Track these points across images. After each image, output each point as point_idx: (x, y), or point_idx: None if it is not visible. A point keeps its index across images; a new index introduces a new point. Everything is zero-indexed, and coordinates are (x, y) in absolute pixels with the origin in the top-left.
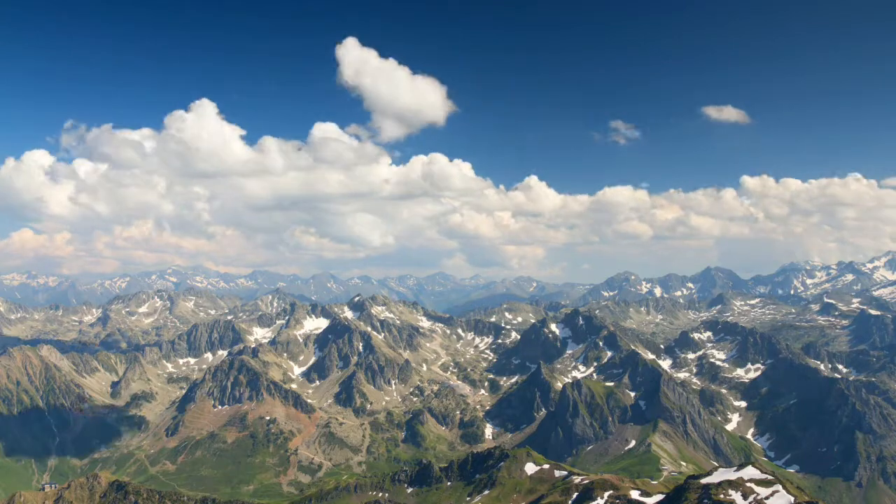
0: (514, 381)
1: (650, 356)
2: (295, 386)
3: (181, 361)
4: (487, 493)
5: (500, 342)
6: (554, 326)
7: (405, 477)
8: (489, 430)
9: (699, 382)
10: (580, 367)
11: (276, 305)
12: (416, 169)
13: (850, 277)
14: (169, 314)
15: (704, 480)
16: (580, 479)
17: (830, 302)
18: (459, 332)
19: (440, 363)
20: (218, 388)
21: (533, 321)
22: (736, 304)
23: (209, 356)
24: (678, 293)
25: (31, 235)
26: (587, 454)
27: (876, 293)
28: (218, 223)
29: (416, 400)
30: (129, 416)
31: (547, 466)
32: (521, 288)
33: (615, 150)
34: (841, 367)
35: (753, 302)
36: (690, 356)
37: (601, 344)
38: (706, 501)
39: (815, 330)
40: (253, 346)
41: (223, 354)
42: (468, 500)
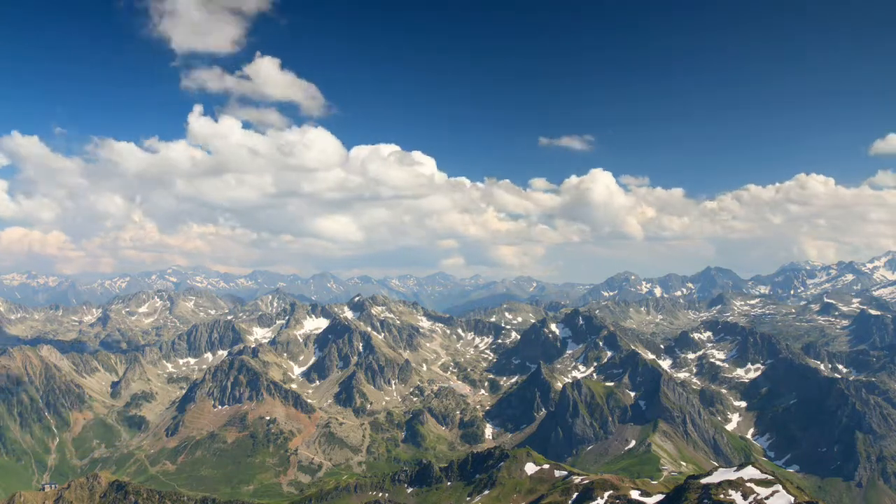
0: (514, 381)
1: (650, 356)
2: (295, 386)
3: (181, 361)
4: (487, 493)
5: (500, 342)
6: (554, 326)
7: (405, 477)
8: (489, 430)
9: (699, 382)
10: (580, 367)
11: (276, 305)
12: None
13: (850, 277)
14: (169, 314)
15: (704, 480)
16: (580, 479)
17: (830, 302)
18: (459, 332)
19: (440, 363)
20: (218, 388)
21: (533, 321)
22: (736, 304)
23: (209, 356)
24: (678, 293)
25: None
26: (587, 454)
27: (876, 293)
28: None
29: (416, 400)
30: (129, 416)
31: (547, 466)
32: (521, 288)
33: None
34: (841, 367)
35: (753, 302)
36: (690, 356)
37: (601, 344)
38: (706, 501)
39: (815, 330)
40: (253, 346)
41: (223, 354)
42: (468, 500)
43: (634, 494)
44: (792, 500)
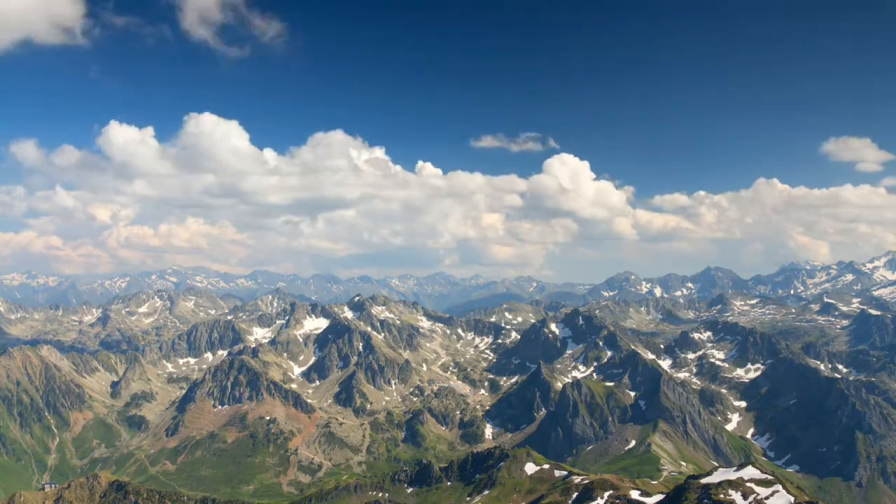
0: (514, 381)
1: (650, 356)
2: (295, 386)
3: (181, 361)
4: (487, 493)
5: (500, 342)
6: (554, 326)
7: (405, 477)
8: (489, 430)
9: (699, 382)
10: (580, 367)
11: (276, 305)
12: None
13: (850, 277)
14: (169, 314)
15: (704, 480)
16: (580, 479)
17: (830, 302)
18: (459, 332)
19: (440, 363)
20: (218, 388)
21: (533, 321)
22: (736, 304)
23: (209, 356)
24: (678, 293)
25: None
26: (587, 454)
27: (876, 293)
28: None
29: (416, 400)
30: (129, 416)
31: (547, 466)
32: (521, 288)
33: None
34: (841, 367)
35: (753, 302)
36: (690, 356)
37: (601, 344)
38: (706, 501)
39: (815, 330)
40: (253, 346)
41: (223, 354)
42: (468, 500)
43: (634, 494)
44: (792, 500)
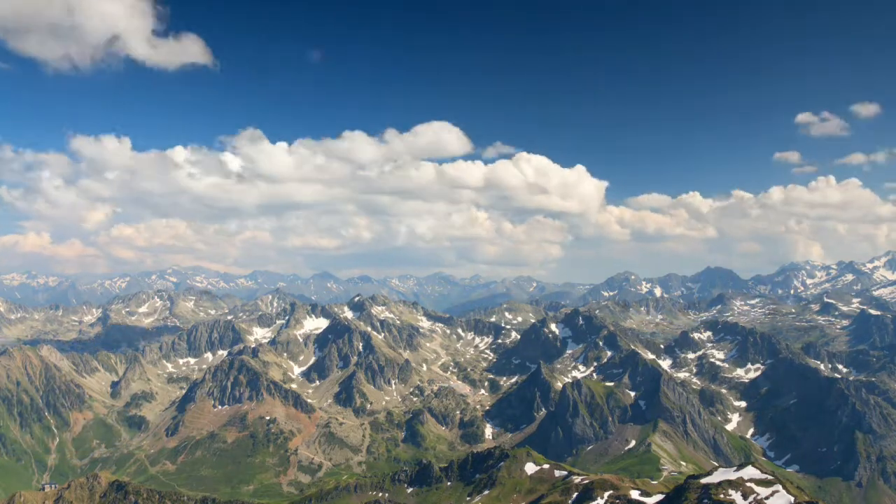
0: (514, 381)
1: (650, 356)
2: (295, 386)
3: (181, 361)
4: (487, 493)
5: (500, 342)
6: (554, 326)
7: (405, 477)
8: (489, 430)
9: (699, 382)
10: (580, 366)
11: (276, 305)
12: None
13: (850, 277)
14: (169, 314)
15: (704, 480)
16: (580, 479)
17: (830, 302)
18: (459, 332)
19: (440, 363)
20: (218, 388)
21: (533, 321)
22: (736, 304)
23: (209, 356)
24: (678, 293)
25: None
26: (587, 454)
27: (876, 293)
28: None
29: (416, 400)
30: (129, 416)
31: (547, 466)
32: (520, 288)
33: None
34: (841, 367)
35: (753, 302)
36: (690, 356)
37: (601, 344)
38: (706, 501)
39: (815, 330)
40: (253, 346)
41: (223, 354)
42: (468, 500)
43: (634, 494)
44: (792, 500)
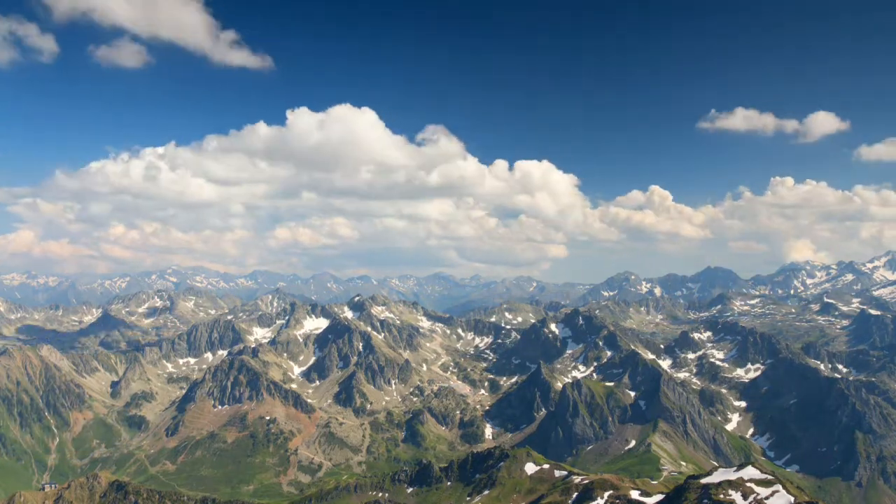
0: (514, 381)
1: (650, 356)
2: (295, 386)
3: (181, 361)
4: (487, 493)
5: (500, 342)
6: (554, 326)
7: (405, 477)
8: (489, 430)
9: (699, 382)
10: (580, 366)
11: (276, 305)
12: None
13: (849, 277)
14: (169, 314)
15: (704, 480)
16: (580, 479)
17: (830, 302)
18: (459, 332)
19: (440, 363)
20: (218, 388)
21: (533, 321)
22: (736, 304)
23: (209, 356)
24: (678, 293)
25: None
26: (587, 454)
27: (876, 293)
28: None
29: (416, 400)
30: (129, 416)
31: (547, 466)
32: (521, 288)
33: None
34: (841, 367)
35: (753, 302)
36: (690, 356)
37: (601, 344)
38: (706, 501)
39: (815, 330)
40: (253, 346)
41: (223, 354)
42: (468, 500)
43: (634, 494)
44: (792, 500)
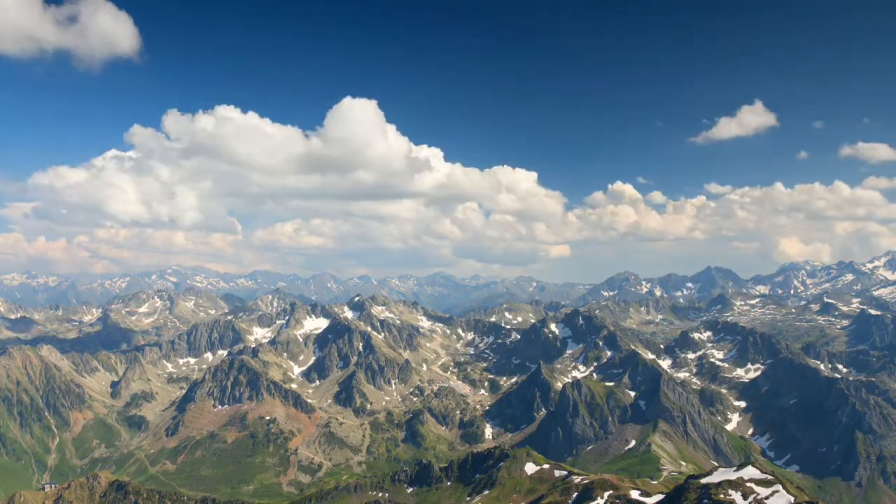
0: (514, 381)
1: (650, 356)
2: (295, 386)
3: (181, 361)
4: (487, 493)
5: (500, 342)
6: (554, 326)
7: (405, 477)
8: (489, 430)
9: (699, 382)
10: (580, 366)
11: (276, 305)
12: None
13: (849, 277)
14: (169, 314)
15: (704, 480)
16: (580, 478)
17: (830, 302)
18: (459, 332)
19: (440, 363)
20: (218, 388)
21: (533, 321)
22: (736, 304)
23: (209, 356)
24: (678, 293)
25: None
26: (587, 454)
27: (876, 293)
28: None
29: (416, 400)
30: (129, 416)
31: (547, 466)
32: (521, 288)
33: None
34: (841, 367)
35: (753, 302)
36: (690, 356)
37: (601, 344)
38: (706, 501)
39: (815, 330)
40: (253, 346)
41: (223, 354)
42: (468, 500)
43: (634, 494)
44: (792, 500)
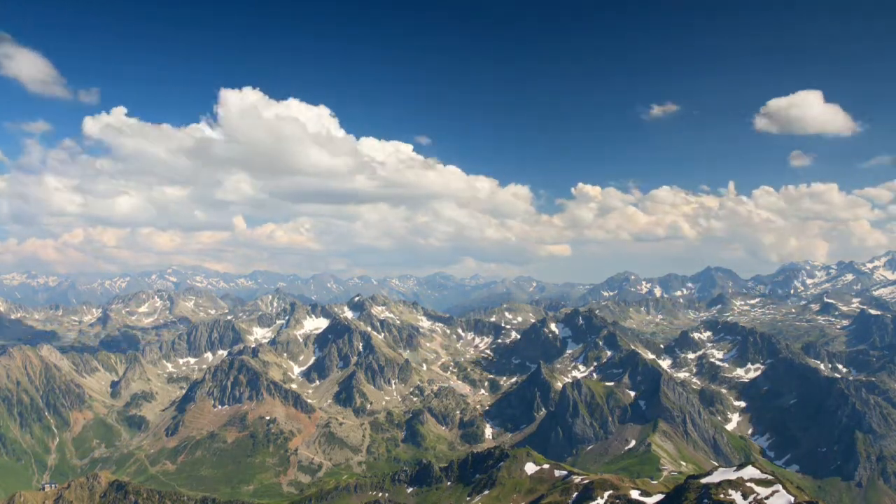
0: (514, 381)
1: (650, 356)
2: (295, 386)
3: (181, 361)
4: (487, 492)
5: (500, 342)
6: (554, 326)
7: (405, 477)
8: (489, 429)
9: (699, 382)
10: (580, 366)
11: (276, 305)
12: None
13: (849, 277)
14: (169, 314)
15: (704, 480)
16: (580, 478)
17: (830, 302)
18: (459, 332)
19: (440, 363)
20: (218, 388)
21: (533, 321)
22: (736, 303)
23: (209, 356)
24: (678, 293)
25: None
26: (587, 454)
27: (876, 293)
28: None
29: (416, 400)
30: (129, 415)
31: (547, 466)
32: (520, 288)
33: None
34: (841, 367)
35: (753, 302)
36: (690, 356)
37: (601, 344)
38: (706, 501)
39: (815, 330)
40: (253, 345)
41: (223, 354)
42: (468, 500)
43: (634, 494)
44: (792, 499)
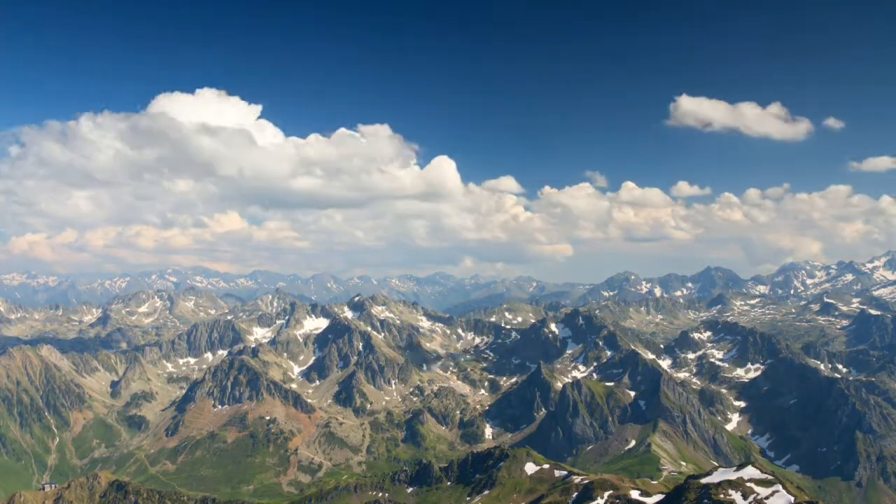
0: (514, 381)
1: (650, 356)
2: (295, 386)
3: (181, 361)
4: (487, 492)
5: (500, 342)
6: (554, 326)
7: (405, 477)
8: (489, 429)
9: (699, 382)
10: (580, 366)
11: (276, 305)
12: None
13: (849, 277)
14: (169, 314)
15: (704, 480)
16: (580, 478)
17: (830, 302)
18: (459, 332)
19: (440, 363)
20: (218, 387)
21: (533, 321)
22: (736, 304)
23: (209, 356)
24: (678, 293)
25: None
26: (587, 454)
27: (876, 293)
28: None
29: (416, 400)
30: (129, 415)
31: (547, 466)
32: (520, 288)
33: None
34: (841, 367)
35: (753, 302)
36: (690, 356)
37: (601, 344)
38: (706, 501)
39: (814, 330)
40: (253, 345)
41: (223, 354)
42: (468, 500)
43: (634, 494)
44: (792, 499)
